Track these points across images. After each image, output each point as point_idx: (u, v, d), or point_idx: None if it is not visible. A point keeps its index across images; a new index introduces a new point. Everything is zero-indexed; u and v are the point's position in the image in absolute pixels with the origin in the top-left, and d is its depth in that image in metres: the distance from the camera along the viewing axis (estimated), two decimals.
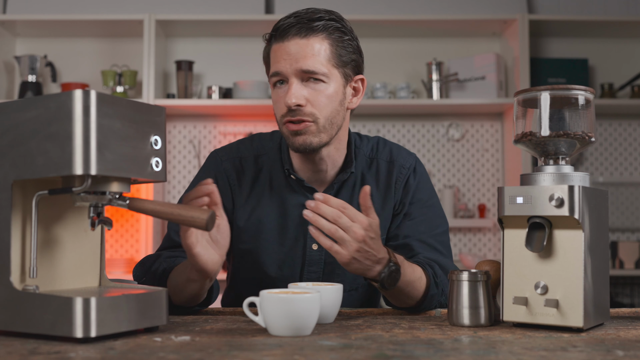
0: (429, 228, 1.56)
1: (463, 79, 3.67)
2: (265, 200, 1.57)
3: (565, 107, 1.22)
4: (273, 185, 1.58)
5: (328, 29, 1.46)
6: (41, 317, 1.03)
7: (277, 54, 1.48)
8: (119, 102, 1.05)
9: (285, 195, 1.57)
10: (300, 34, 1.45)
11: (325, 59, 1.46)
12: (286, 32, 1.46)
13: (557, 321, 1.16)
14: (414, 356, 0.93)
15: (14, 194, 1.07)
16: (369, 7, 3.76)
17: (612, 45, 3.93)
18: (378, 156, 1.62)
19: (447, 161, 3.88)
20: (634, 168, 3.90)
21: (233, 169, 1.60)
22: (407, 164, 1.62)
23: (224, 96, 3.67)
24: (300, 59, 1.45)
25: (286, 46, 1.46)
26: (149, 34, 3.53)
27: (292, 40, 1.45)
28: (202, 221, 1.09)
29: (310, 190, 1.56)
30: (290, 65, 1.45)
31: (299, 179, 1.56)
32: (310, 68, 1.44)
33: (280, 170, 1.59)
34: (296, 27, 1.45)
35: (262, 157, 1.61)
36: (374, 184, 1.59)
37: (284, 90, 1.48)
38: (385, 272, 1.30)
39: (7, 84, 3.77)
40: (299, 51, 1.45)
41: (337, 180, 1.57)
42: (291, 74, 1.46)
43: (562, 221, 1.16)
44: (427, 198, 1.61)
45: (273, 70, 1.48)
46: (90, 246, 1.20)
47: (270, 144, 1.63)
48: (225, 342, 1.02)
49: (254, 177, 1.60)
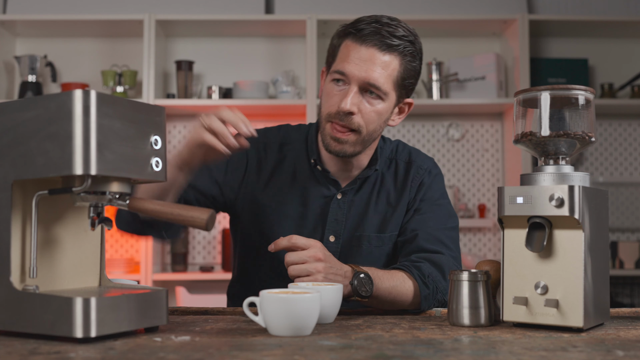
0: (437, 223, 1.60)
1: (463, 79, 3.67)
2: (286, 188, 1.61)
3: (565, 107, 1.22)
4: (297, 176, 1.62)
5: (404, 51, 1.49)
6: (41, 317, 1.03)
7: (350, 53, 1.48)
8: (119, 102, 1.05)
9: (308, 186, 1.61)
10: (379, 47, 1.46)
11: (390, 78, 1.49)
12: (367, 37, 1.47)
13: (557, 321, 1.16)
14: (414, 356, 0.93)
15: (14, 194, 1.07)
16: (369, 7, 3.76)
17: (612, 45, 3.93)
18: (397, 157, 1.68)
19: (447, 161, 3.88)
20: (634, 168, 3.90)
21: (256, 154, 1.64)
22: (425, 165, 1.68)
23: (224, 96, 3.67)
24: (369, 70, 1.46)
25: (362, 51, 1.47)
26: (149, 34, 3.53)
27: (370, 49, 1.47)
28: (202, 221, 1.09)
29: (334, 183, 1.61)
30: (359, 72, 1.46)
31: (325, 170, 1.60)
32: (376, 83, 1.47)
33: (305, 161, 1.62)
34: (378, 37, 1.46)
35: (287, 147, 1.65)
36: (391, 182, 1.65)
37: (340, 90, 1.50)
38: (355, 282, 1.36)
39: (7, 84, 3.77)
40: (371, 62, 1.46)
41: (361, 176, 1.62)
42: (355, 81, 1.47)
43: (562, 221, 1.16)
44: (438, 197, 1.66)
45: (339, 68, 1.49)
46: (90, 246, 1.20)
47: (297, 135, 1.67)
48: (225, 342, 1.02)
49: (276, 165, 1.63)
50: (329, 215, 1.59)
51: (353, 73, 1.47)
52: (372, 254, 1.61)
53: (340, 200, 1.60)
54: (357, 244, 1.60)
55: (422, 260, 1.51)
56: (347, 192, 1.61)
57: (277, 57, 3.87)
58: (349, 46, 1.49)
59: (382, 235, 1.62)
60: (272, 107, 3.64)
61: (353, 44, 1.48)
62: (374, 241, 1.61)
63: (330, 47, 1.55)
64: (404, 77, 1.51)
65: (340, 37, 1.53)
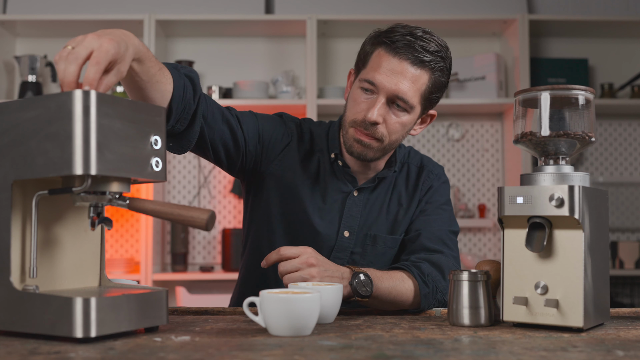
0: (440, 225, 1.63)
1: (463, 79, 3.67)
2: (311, 180, 1.63)
3: (566, 107, 1.22)
4: (320, 169, 1.64)
5: (435, 67, 1.50)
6: (41, 317, 1.03)
7: (382, 64, 1.49)
8: (119, 102, 1.05)
9: (327, 180, 1.63)
10: (412, 61, 1.48)
11: (418, 92, 1.50)
12: (401, 49, 1.48)
13: (557, 321, 1.16)
14: (414, 356, 0.93)
15: (14, 194, 1.07)
16: (369, 7, 3.76)
17: (612, 45, 3.93)
18: (409, 161, 1.72)
19: (447, 161, 3.88)
20: (634, 168, 3.90)
21: (296, 131, 1.66)
22: (435, 171, 1.73)
23: (224, 96, 3.67)
24: (399, 83, 1.48)
25: (394, 63, 1.48)
26: (149, 34, 3.53)
27: (403, 62, 1.48)
28: (202, 221, 1.09)
29: (352, 180, 1.63)
30: (390, 84, 1.48)
31: (345, 165, 1.62)
32: (404, 97, 1.49)
33: (326, 155, 1.65)
34: (411, 51, 1.47)
35: (315, 140, 1.67)
36: (403, 184, 1.69)
37: (368, 99, 1.51)
38: (354, 282, 1.38)
39: (7, 84, 3.77)
40: (402, 75, 1.48)
41: (380, 175, 1.64)
42: (384, 92, 1.49)
43: (562, 221, 1.16)
44: (443, 202, 1.69)
45: (369, 77, 1.50)
46: (90, 246, 1.20)
47: (319, 130, 1.69)
48: (225, 342, 1.02)
49: (306, 155, 1.65)
50: (345, 211, 1.61)
51: (383, 84, 1.48)
52: (385, 254, 1.64)
53: (356, 197, 1.63)
54: (372, 242, 1.62)
55: (422, 260, 1.53)
56: (363, 189, 1.63)
57: (277, 57, 3.87)
58: (382, 56, 1.50)
59: (397, 237, 1.64)
60: (272, 107, 3.64)
61: (386, 55, 1.49)
62: (389, 242, 1.64)
63: (362, 52, 1.56)
64: (432, 92, 1.53)
65: (373, 45, 1.53)
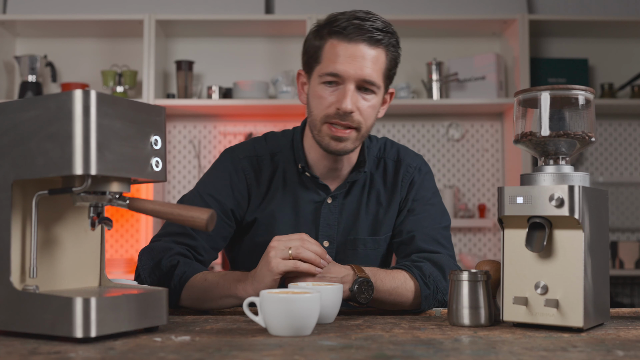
0: (432, 223, 1.60)
1: (463, 79, 3.67)
2: (279, 197, 1.59)
3: (565, 107, 1.22)
4: (287, 183, 1.60)
5: (389, 44, 1.48)
6: (41, 317, 1.02)
7: (338, 53, 1.46)
8: (119, 102, 1.05)
9: (298, 192, 1.59)
10: (368, 42, 1.45)
11: (380, 71, 1.48)
12: (353, 34, 1.45)
13: (557, 321, 1.16)
14: (414, 356, 0.93)
15: (14, 194, 1.07)
16: (369, 7, 3.75)
17: (612, 45, 3.93)
18: (386, 156, 1.66)
19: (447, 161, 3.88)
20: (634, 168, 3.90)
21: (251, 167, 1.61)
22: (414, 163, 1.66)
23: (224, 96, 3.67)
24: (364, 68, 1.45)
25: (352, 49, 1.45)
26: (149, 34, 3.53)
27: (359, 45, 1.45)
28: (202, 221, 1.09)
29: (324, 187, 1.59)
30: (355, 71, 1.45)
31: (313, 176, 1.58)
32: (372, 79, 1.46)
33: (293, 167, 1.60)
34: (363, 33, 1.45)
35: (278, 155, 1.62)
36: (381, 182, 1.64)
37: (334, 91, 1.48)
38: (355, 287, 1.35)
39: (7, 84, 3.77)
40: (363, 58, 1.45)
41: (350, 179, 1.60)
42: (352, 80, 1.46)
43: (562, 221, 1.16)
44: (430, 196, 1.64)
45: (330, 70, 1.46)
46: (90, 246, 1.20)
47: (283, 141, 1.65)
48: (225, 342, 1.02)
49: (271, 176, 1.61)
50: (320, 220, 1.58)
51: (347, 72, 1.45)
52: (368, 256, 1.61)
53: (330, 204, 1.59)
54: (352, 247, 1.60)
55: (422, 260, 1.51)
56: (336, 195, 1.59)
57: (277, 57, 3.87)
58: (336, 46, 1.46)
59: (377, 238, 1.61)
60: (272, 107, 3.64)
61: (340, 43, 1.46)
62: (370, 244, 1.61)
63: (311, 49, 1.52)
64: (390, 68, 1.51)
65: (322, 38, 1.49)
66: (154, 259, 1.48)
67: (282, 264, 1.31)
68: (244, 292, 1.34)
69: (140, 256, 1.52)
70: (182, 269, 1.44)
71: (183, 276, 1.43)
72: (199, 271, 1.45)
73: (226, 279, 1.40)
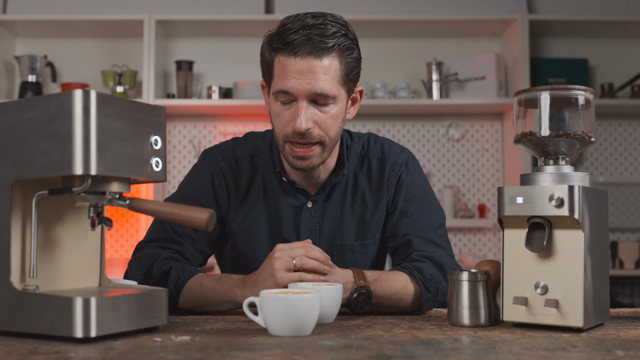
0: (427, 224, 1.56)
1: (463, 79, 3.67)
2: (259, 201, 1.56)
3: (565, 107, 1.22)
4: (266, 187, 1.57)
5: (340, 48, 1.41)
6: (41, 317, 1.02)
7: (286, 70, 1.40)
8: (119, 102, 1.05)
9: (278, 197, 1.56)
10: (314, 54, 1.38)
11: (335, 79, 1.41)
12: (298, 48, 1.38)
13: (557, 321, 1.16)
14: (414, 356, 0.93)
15: (14, 194, 1.07)
16: (369, 7, 3.76)
17: (612, 45, 3.93)
18: (369, 154, 1.60)
19: (447, 161, 3.88)
20: (634, 168, 3.90)
21: (229, 169, 1.58)
22: (399, 160, 1.60)
23: (224, 96, 3.67)
24: (313, 81, 1.39)
25: (298, 64, 1.39)
26: (149, 34, 3.53)
27: (306, 59, 1.38)
28: (202, 221, 1.09)
29: (303, 192, 1.55)
30: (303, 87, 1.39)
31: (290, 181, 1.54)
32: (324, 91, 1.40)
33: (272, 171, 1.57)
34: (309, 45, 1.38)
35: (257, 158, 1.59)
36: (366, 183, 1.59)
37: (289, 109, 1.43)
38: (353, 295, 1.34)
39: (7, 84, 3.77)
40: (312, 72, 1.38)
41: (329, 183, 1.56)
42: (302, 96, 1.40)
43: (562, 221, 1.16)
44: (423, 194, 1.60)
45: (280, 87, 1.41)
46: (90, 246, 1.20)
47: (263, 144, 1.61)
48: (225, 342, 1.02)
49: (250, 179, 1.58)
50: (301, 225, 1.55)
51: (297, 89, 1.39)
52: (356, 262, 1.58)
53: (311, 208, 1.55)
54: (340, 252, 1.57)
55: (423, 259, 1.49)
56: (317, 199, 1.56)
57: None
58: (283, 62, 1.41)
59: (366, 242, 1.58)
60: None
61: (286, 59, 1.40)
62: (358, 249, 1.57)
63: (264, 62, 1.48)
64: (348, 72, 1.44)
65: (270, 52, 1.45)
66: (143, 267, 1.47)
67: (287, 277, 1.30)
68: (243, 299, 1.33)
69: (129, 266, 1.50)
70: (176, 275, 1.42)
71: (178, 282, 1.42)
72: (193, 274, 1.43)
73: (223, 284, 1.38)
